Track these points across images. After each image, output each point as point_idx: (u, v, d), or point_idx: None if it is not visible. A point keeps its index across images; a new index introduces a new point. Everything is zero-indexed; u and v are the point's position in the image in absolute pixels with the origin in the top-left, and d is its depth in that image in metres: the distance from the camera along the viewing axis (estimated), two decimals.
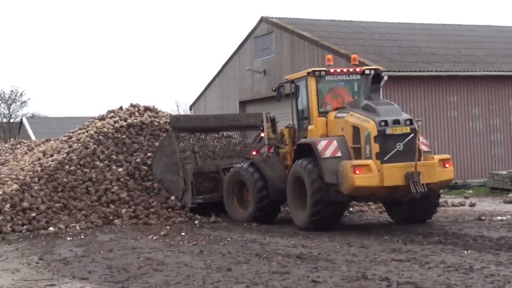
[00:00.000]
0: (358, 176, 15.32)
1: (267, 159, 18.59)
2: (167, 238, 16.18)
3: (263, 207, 18.36)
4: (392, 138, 15.82)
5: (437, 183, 16.09)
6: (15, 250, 15.18)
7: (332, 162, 15.94)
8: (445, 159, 16.49)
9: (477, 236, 14.54)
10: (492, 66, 32.14)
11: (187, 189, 20.39)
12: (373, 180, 15.42)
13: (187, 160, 20.96)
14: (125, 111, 24.30)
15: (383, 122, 15.79)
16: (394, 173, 15.48)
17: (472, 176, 29.62)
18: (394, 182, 15.50)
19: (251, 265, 11.90)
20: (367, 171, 15.40)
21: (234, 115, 25.37)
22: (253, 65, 37.19)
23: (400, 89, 29.29)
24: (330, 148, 16.14)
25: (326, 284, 9.95)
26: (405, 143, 15.80)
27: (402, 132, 15.91)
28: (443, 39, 35.85)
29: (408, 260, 11.80)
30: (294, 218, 17.24)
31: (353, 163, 15.65)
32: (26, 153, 26.46)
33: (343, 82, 17.97)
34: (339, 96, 17.87)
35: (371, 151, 15.74)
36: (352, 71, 17.90)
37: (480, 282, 9.70)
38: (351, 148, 16.19)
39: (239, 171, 19.10)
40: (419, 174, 15.47)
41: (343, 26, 36.60)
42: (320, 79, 17.50)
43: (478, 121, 30.92)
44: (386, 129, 15.75)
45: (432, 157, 16.43)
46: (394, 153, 15.72)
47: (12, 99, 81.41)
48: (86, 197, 20.29)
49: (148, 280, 10.84)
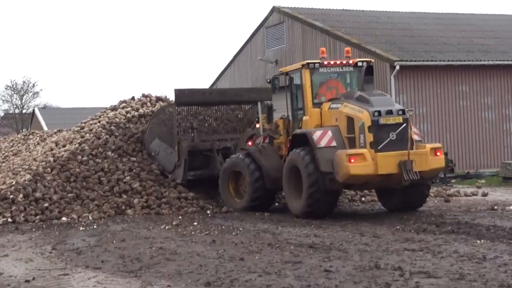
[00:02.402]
0: (353, 164, 15.70)
1: (262, 149, 18.88)
2: (180, 228, 16.19)
3: (259, 196, 18.70)
4: (385, 127, 16.20)
5: (429, 171, 16.44)
6: (28, 240, 15.23)
7: (327, 151, 16.27)
8: (436, 147, 16.95)
9: (490, 225, 14.51)
10: (505, 55, 32.00)
11: (179, 165, 20.67)
12: (367, 168, 15.80)
13: (184, 135, 21.14)
14: (137, 101, 24.35)
15: (377, 112, 16.16)
16: (387, 161, 15.88)
17: (484, 166, 29.56)
18: (388, 170, 15.90)
19: (264, 254, 11.90)
20: (361, 159, 15.79)
21: (237, 89, 25.25)
22: (264, 55, 37.18)
23: (412, 78, 29.22)
24: (325, 138, 16.48)
25: (339, 274, 9.94)
26: (398, 133, 16.17)
27: (395, 122, 16.31)
28: (455, 28, 35.72)
29: (420, 249, 11.78)
30: (290, 206, 17.52)
31: (348, 152, 15.99)
32: (39, 143, 26.54)
33: (336, 74, 18.30)
34: (333, 87, 18.19)
35: (365, 140, 16.14)
36: (345, 63, 18.20)
37: (494, 272, 9.68)
38: (346, 138, 16.54)
39: (236, 161, 19.34)
40: (412, 162, 15.85)
41: (355, 16, 36.50)
42: (314, 71, 17.83)
43: (490, 111, 30.82)
44: (379, 119, 16.18)
45: (424, 146, 16.81)
46: (387, 142, 16.12)
47: (24, 90, 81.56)
48: (99, 187, 20.33)
49: (161, 270, 10.85)
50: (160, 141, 21.50)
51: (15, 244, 14.62)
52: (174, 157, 20.76)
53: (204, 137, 21.42)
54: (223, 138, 21.53)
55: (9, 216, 18.69)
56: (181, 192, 20.59)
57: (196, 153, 20.91)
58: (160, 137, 21.56)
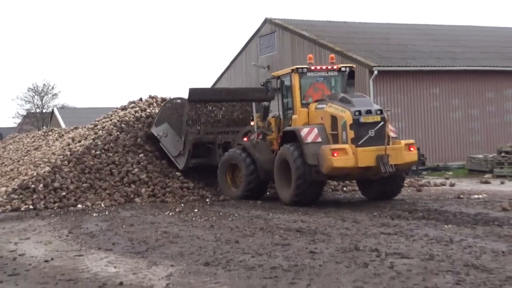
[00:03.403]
0: (336, 158, 15.75)
1: (256, 144, 18.97)
2: (182, 214, 16.20)
3: (253, 186, 18.84)
4: (365, 125, 16.23)
5: (403, 164, 16.53)
6: (48, 224, 15.23)
7: (313, 146, 16.32)
8: (410, 143, 16.89)
9: (457, 212, 14.54)
10: (471, 61, 32.05)
11: (184, 154, 20.72)
12: (349, 161, 15.82)
13: (191, 128, 21.00)
14: (145, 102, 24.35)
15: (357, 112, 16.21)
16: (367, 155, 15.92)
17: (452, 160, 29.62)
18: (367, 163, 15.93)
19: (256, 238, 11.92)
20: (343, 154, 15.82)
21: (244, 89, 24.99)
22: (258, 61, 37.16)
23: (389, 82, 29.26)
24: (311, 135, 16.55)
25: (323, 255, 9.96)
26: (376, 130, 16.24)
27: (374, 120, 16.34)
28: (427, 37, 35.74)
29: (395, 233, 11.81)
30: (280, 194, 17.54)
31: (332, 147, 16.01)
32: (57, 139, 26.53)
33: (322, 78, 18.27)
34: (319, 89, 18.17)
35: (347, 137, 16.16)
36: (330, 68, 18.25)
37: (459, 253, 9.71)
38: (330, 135, 16.54)
39: (233, 155, 19.41)
40: (388, 156, 15.95)
41: (338, 27, 36.50)
42: (303, 75, 17.89)
43: (457, 111, 30.91)
44: (360, 118, 16.20)
45: (399, 142, 16.80)
46: (366, 139, 16.16)
47: (44, 92, 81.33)
48: (110, 178, 20.35)
49: (165, 251, 10.87)
50: (169, 126, 21.36)
51: (36, 228, 14.62)
52: (180, 146, 20.82)
53: (209, 129, 21.31)
54: (226, 130, 21.42)
55: (31, 204, 18.71)
56: (183, 182, 20.62)
57: (200, 144, 20.93)
58: (170, 123, 21.39)
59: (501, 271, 8.40)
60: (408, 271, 8.60)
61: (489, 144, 30.58)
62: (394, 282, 8.01)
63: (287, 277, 8.52)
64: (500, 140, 30.32)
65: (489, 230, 11.83)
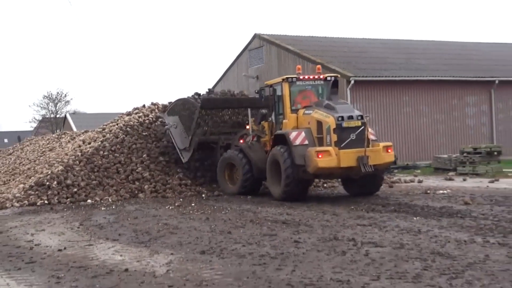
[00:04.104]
0: (321, 159, 15.66)
1: (251, 146, 18.86)
2: (181, 208, 16.17)
3: (248, 184, 18.72)
4: (347, 129, 16.09)
5: (381, 164, 16.42)
6: (61, 217, 15.18)
7: (301, 148, 16.26)
8: (388, 145, 16.74)
9: (424, 206, 14.57)
10: (436, 72, 32.13)
11: (189, 150, 20.58)
12: (332, 162, 15.72)
13: (199, 129, 20.70)
14: (147, 108, 24.28)
15: (340, 117, 16.10)
16: (348, 156, 15.80)
17: (420, 159, 29.68)
18: (348, 163, 15.82)
19: (247, 229, 11.91)
20: (327, 155, 15.72)
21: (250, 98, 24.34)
22: (248, 71, 37.14)
23: (365, 91, 29.28)
24: (299, 138, 16.50)
25: (306, 244, 9.97)
26: (357, 134, 16.10)
27: (355, 125, 16.17)
28: (398, 51, 35.81)
29: (370, 225, 11.83)
30: (271, 191, 17.45)
31: (317, 149, 15.91)
32: (69, 141, 26.42)
33: (310, 86, 18.20)
34: (307, 97, 18.06)
35: (331, 140, 16.05)
36: (317, 77, 18.15)
37: (426, 242, 9.74)
38: (315, 138, 16.47)
39: (231, 155, 19.28)
40: (367, 157, 15.85)
41: (319, 41, 36.50)
42: (292, 84, 17.78)
43: (425, 116, 30.98)
44: (342, 123, 16.08)
45: (378, 144, 16.67)
46: (348, 142, 16.03)
47: (58, 99, 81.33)
48: (117, 176, 20.31)
49: (166, 241, 10.86)
50: (180, 120, 21.16)
51: (50, 221, 14.57)
52: (187, 142, 20.67)
53: (214, 130, 20.98)
54: (229, 131, 20.94)
55: (46, 199, 18.65)
56: (182, 179, 20.61)
57: (204, 142, 20.77)
58: (180, 117, 21.18)
59: (463, 258, 8.44)
60: (381, 258, 8.62)
61: (453, 145, 30.70)
62: (369, 268, 8.03)
63: (274, 264, 8.53)
64: (462, 141, 30.45)
65: (453, 221, 11.86)
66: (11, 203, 18.36)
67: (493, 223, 11.41)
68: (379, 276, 7.56)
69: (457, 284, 7.04)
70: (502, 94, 32.98)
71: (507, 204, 14.18)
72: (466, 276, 7.38)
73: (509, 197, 15.59)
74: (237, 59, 38.88)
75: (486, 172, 22.96)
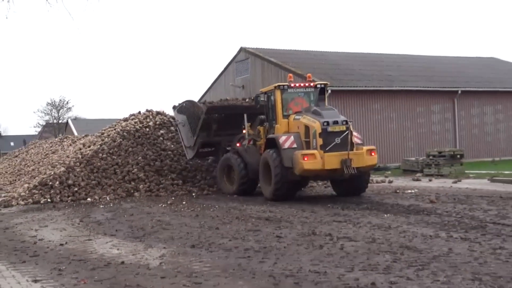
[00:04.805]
0: (306, 161, 15.34)
1: (247, 149, 18.52)
2: (172, 206, 16.12)
3: (244, 184, 18.35)
4: (332, 134, 15.72)
5: (365, 167, 15.97)
6: (63, 214, 15.08)
7: (289, 151, 15.87)
8: (371, 149, 16.28)
9: (394, 204, 14.60)
10: (405, 83, 32.29)
11: (193, 149, 20.35)
12: (317, 164, 15.37)
13: (204, 132, 20.33)
14: (142, 114, 24.18)
15: (326, 122, 15.77)
16: (332, 159, 15.44)
17: (390, 161, 29.79)
18: (333, 166, 15.44)
19: (233, 225, 11.89)
20: (313, 158, 15.37)
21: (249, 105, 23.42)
22: (235, 81, 37.11)
23: (340, 99, 29.35)
24: (288, 141, 16.11)
25: (286, 238, 9.96)
26: (341, 138, 15.72)
27: (340, 129, 15.81)
28: (370, 63, 35.94)
29: (345, 221, 11.84)
30: (263, 191, 17.18)
31: (303, 152, 15.56)
32: (71, 145, 26.30)
33: (302, 93, 17.82)
34: (299, 103, 17.71)
35: (317, 143, 15.69)
36: (307, 85, 17.83)
37: (396, 237, 9.75)
38: (304, 141, 16.12)
39: (228, 157, 18.95)
40: (351, 160, 15.45)
41: (299, 54, 36.55)
42: (284, 91, 17.46)
43: (394, 123, 31.13)
44: (328, 128, 15.71)
45: (362, 148, 16.14)
46: (333, 145, 15.63)
47: (60, 106, 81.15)
48: (114, 177, 20.21)
49: (159, 236, 10.81)
50: (187, 120, 20.83)
51: (53, 218, 14.47)
52: (192, 141, 20.41)
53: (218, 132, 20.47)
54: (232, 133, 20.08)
55: (49, 197, 18.55)
56: (174, 179, 20.54)
57: (208, 143, 20.52)
58: (188, 117, 20.84)
59: (429, 251, 8.46)
60: (355, 251, 8.63)
61: (420, 149, 30.82)
62: (344, 261, 8.04)
63: (258, 257, 8.51)
64: (428, 146, 30.57)
65: (420, 218, 11.89)
66: (16, 201, 18.23)
67: (456, 220, 11.45)
68: (353, 268, 7.56)
69: (423, 275, 7.06)
70: (464, 103, 33.24)
71: (468, 203, 14.25)
72: (431, 268, 7.40)
73: (471, 196, 15.66)
74: (225, 70, 38.83)
75: (450, 173, 23.07)
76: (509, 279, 6.72)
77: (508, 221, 11.07)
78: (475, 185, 18.99)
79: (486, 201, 14.37)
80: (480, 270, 7.21)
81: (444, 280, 6.79)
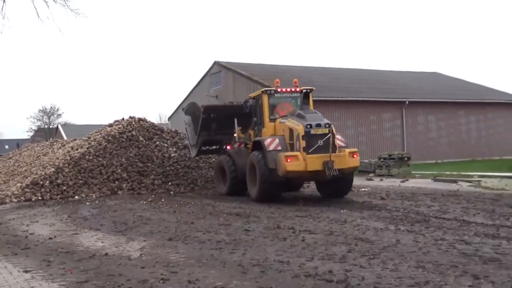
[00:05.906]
0: (289, 163, 14.32)
1: (238, 151, 17.75)
2: (152, 203, 15.98)
3: (235, 185, 17.43)
4: (315, 136, 14.57)
5: (347, 168, 14.70)
6: (52, 211, 14.82)
7: (274, 153, 14.92)
8: (353, 151, 14.97)
9: (349, 201, 14.72)
10: (360, 94, 32.62)
11: (196, 147, 19.86)
12: (299, 166, 14.33)
13: (205, 132, 19.55)
14: (126, 121, 23.89)
15: (309, 125, 14.64)
16: (314, 161, 14.32)
17: None
18: (315, 167, 14.32)
19: (207, 220, 11.84)
20: (295, 160, 14.35)
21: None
22: (209, 92, 37.04)
23: None
24: (273, 144, 15.25)
25: (254, 232, 9.95)
26: (324, 140, 14.49)
27: (322, 132, 14.61)
28: (330, 76, 36.24)
29: (306, 216, 11.88)
30: (250, 192, 16.20)
31: (286, 154, 14.54)
32: (60, 148, 25.84)
33: (289, 98, 16.91)
34: (285, 107, 16.82)
35: (300, 145, 14.60)
36: (294, 90, 16.96)
37: (351, 230, 9.82)
38: (288, 144, 15.12)
39: (221, 159, 18.20)
40: (332, 162, 14.28)
41: (267, 68, 36.62)
42: (271, 96, 16.63)
43: (350, 129, 31.40)
44: (310, 130, 14.59)
45: (345, 150, 14.87)
46: (316, 147, 14.48)
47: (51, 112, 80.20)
48: (100, 176, 19.95)
49: (140, 230, 10.70)
50: (191, 120, 20.16)
51: (43, 214, 14.21)
52: (194, 140, 19.85)
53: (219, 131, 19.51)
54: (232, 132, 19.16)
55: (39, 196, 18.22)
56: (154, 179, 20.37)
57: (209, 141, 19.86)
58: (192, 118, 20.14)
59: (379, 242, 8.54)
60: (315, 243, 8.66)
61: (372, 152, 31.10)
62: (305, 251, 8.06)
63: (229, 248, 8.48)
64: (380, 149, 30.92)
65: (372, 213, 12.00)
66: (10, 199, 17.88)
67: (403, 214, 11.58)
68: (313, 258, 7.59)
69: (374, 264, 7.12)
70: (411, 112, 33.73)
71: (414, 199, 14.43)
72: (381, 257, 7.47)
73: (416, 194, 15.86)
74: (201, 81, 38.78)
75: (398, 173, 23.35)
76: (449, 267, 6.82)
77: (448, 215, 11.24)
78: (420, 184, 19.25)
79: (430, 198, 14.54)
80: (423, 258, 7.30)
81: (393, 267, 6.86)
